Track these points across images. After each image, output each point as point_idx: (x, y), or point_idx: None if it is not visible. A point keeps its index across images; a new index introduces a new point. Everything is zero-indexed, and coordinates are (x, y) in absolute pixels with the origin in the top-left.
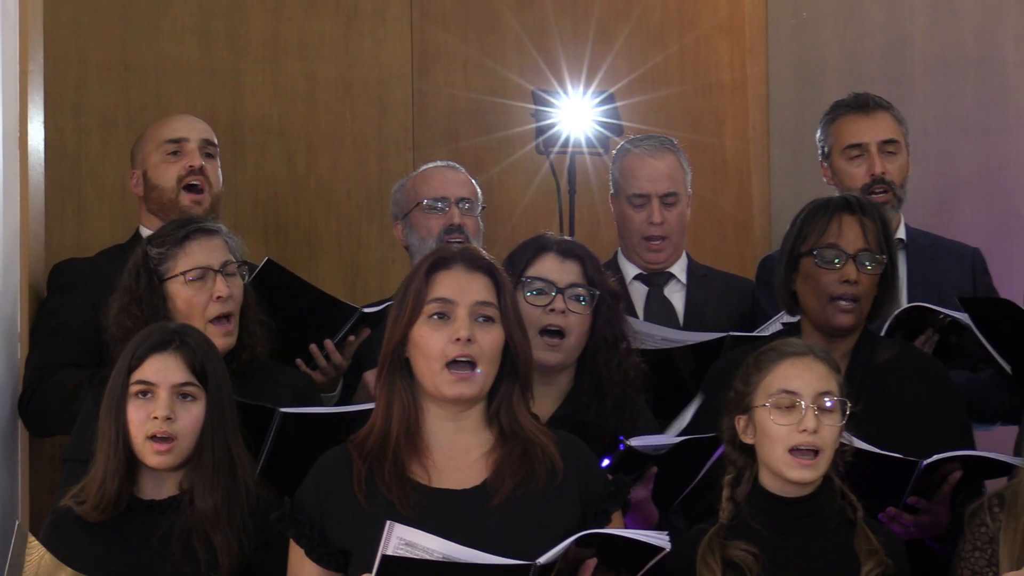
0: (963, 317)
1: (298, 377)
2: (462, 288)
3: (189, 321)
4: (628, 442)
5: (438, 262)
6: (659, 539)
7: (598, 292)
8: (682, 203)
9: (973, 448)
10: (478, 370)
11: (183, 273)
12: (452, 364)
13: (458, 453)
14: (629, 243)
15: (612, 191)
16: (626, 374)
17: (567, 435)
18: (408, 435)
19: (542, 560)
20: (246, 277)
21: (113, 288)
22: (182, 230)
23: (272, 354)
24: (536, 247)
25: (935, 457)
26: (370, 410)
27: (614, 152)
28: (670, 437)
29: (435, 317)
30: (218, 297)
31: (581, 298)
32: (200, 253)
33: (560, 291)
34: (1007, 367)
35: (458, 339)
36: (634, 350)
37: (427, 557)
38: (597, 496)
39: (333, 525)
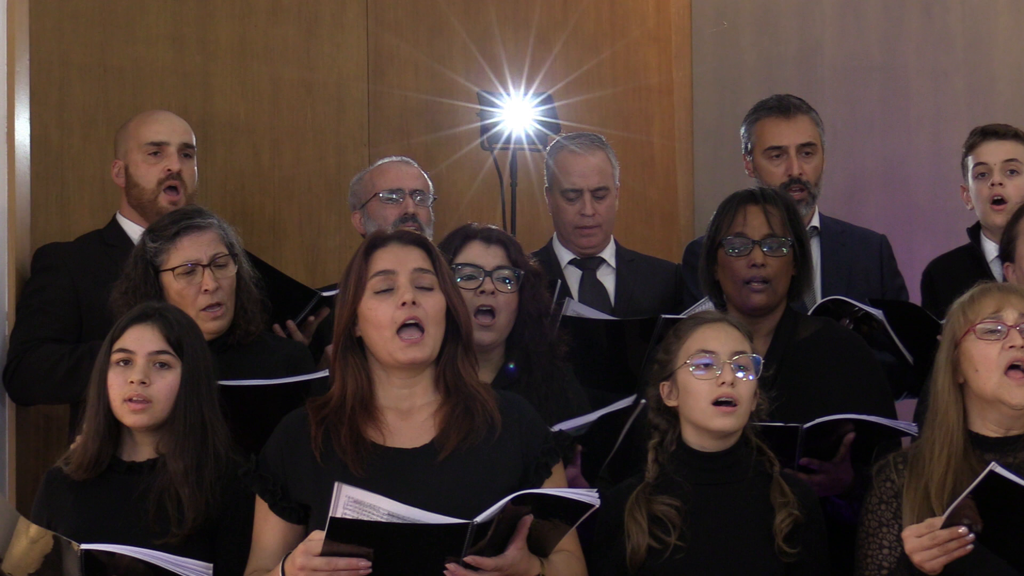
0: (877, 313)
1: (292, 346)
2: (400, 259)
3: (181, 308)
4: (554, 428)
5: (374, 242)
6: (589, 496)
7: (522, 272)
8: (611, 195)
9: (895, 417)
10: (425, 332)
11: (173, 269)
12: (402, 329)
13: (410, 415)
14: (563, 231)
15: (547, 184)
16: (551, 345)
17: (509, 393)
18: (363, 404)
19: (479, 519)
20: (240, 263)
21: (91, 269)
22: (174, 226)
23: None
24: (462, 236)
25: (814, 422)
26: (303, 381)
27: (548, 148)
28: (589, 416)
29: (380, 291)
30: (205, 290)
31: (507, 279)
32: (190, 248)
33: (488, 274)
34: (910, 358)
35: (404, 303)
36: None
37: (375, 518)
38: (538, 450)
39: (294, 481)
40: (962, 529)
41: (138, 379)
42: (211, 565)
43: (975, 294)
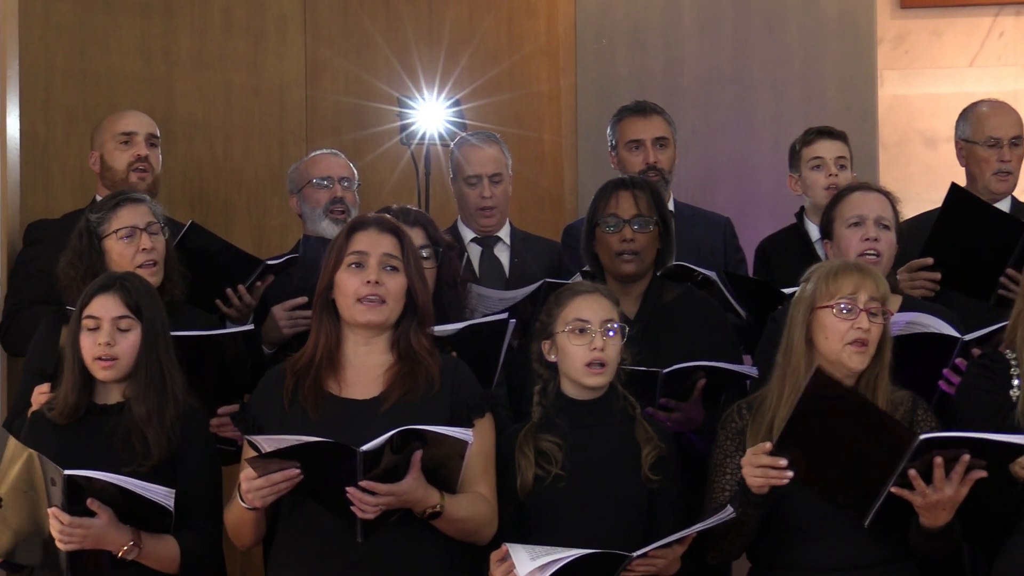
0: (712, 275)
1: (204, 317)
2: (374, 243)
3: (119, 270)
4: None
5: (357, 225)
6: (463, 434)
7: (440, 248)
8: (505, 182)
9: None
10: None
11: (115, 231)
12: (363, 299)
13: (366, 370)
14: (466, 213)
15: (451, 175)
16: (464, 306)
17: (451, 358)
18: (329, 357)
19: (365, 447)
20: (167, 233)
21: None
22: (114, 199)
23: (195, 295)
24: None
25: (672, 368)
26: (237, 332)
27: (452, 144)
28: (458, 324)
29: (352, 266)
30: (143, 249)
31: (426, 256)
32: (129, 216)
33: None
34: (743, 314)
35: (368, 281)
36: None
37: (284, 445)
38: (463, 405)
39: (267, 424)
40: (783, 462)
41: (104, 341)
42: (173, 491)
43: (839, 270)
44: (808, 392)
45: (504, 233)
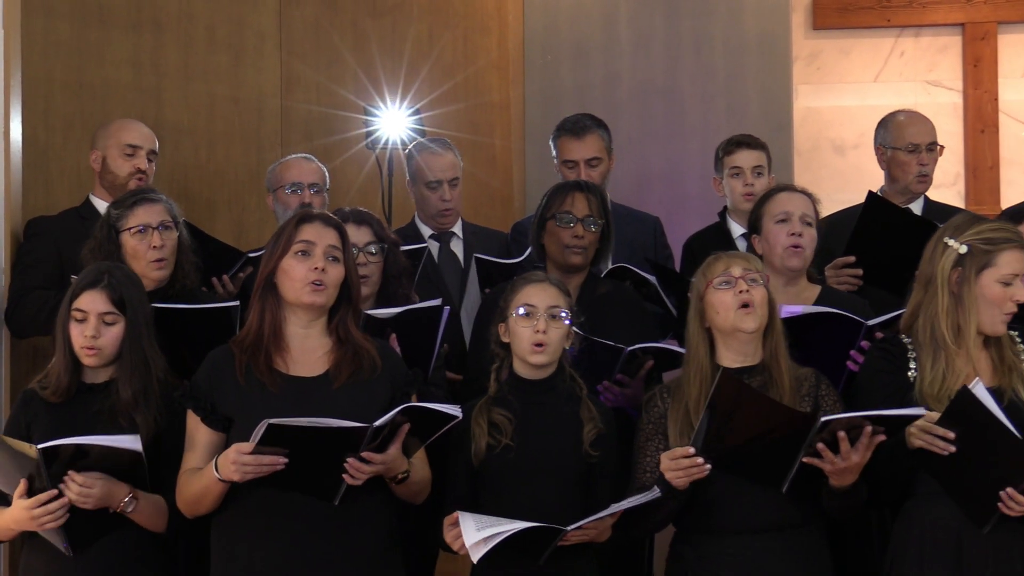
0: (651, 279)
1: (213, 300)
2: (320, 235)
3: (134, 261)
4: (368, 312)
5: (305, 217)
6: (453, 410)
7: (386, 244)
8: (460, 184)
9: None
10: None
11: (130, 228)
12: (309, 284)
13: (308, 351)
14: (426, 214)
15: (409, 178)
16: (406, 295)
17: (383, 342)
18: (274, 336)
19: (377, 423)
20: (181, 230)
21: (70, 235)
22: (133, 198)
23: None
24: (339, 218)
25: (636, 346)
26: (221, 307)
27: (408, 150)
28: (396, 309)
29: (299, 253)
30: (153, 247)
31: (374, 251)
32: (144, 215)
33: (361, 250)
34: (674, 312)
35: (315, 268)
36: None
37: (299, 424)
38: (401, 383)
39: (221, 399)
40: (700, 460)
41: (90, 334)
42: (138, 436)
43: (710, 261)
44: (716, 394)
45: (458, 228)
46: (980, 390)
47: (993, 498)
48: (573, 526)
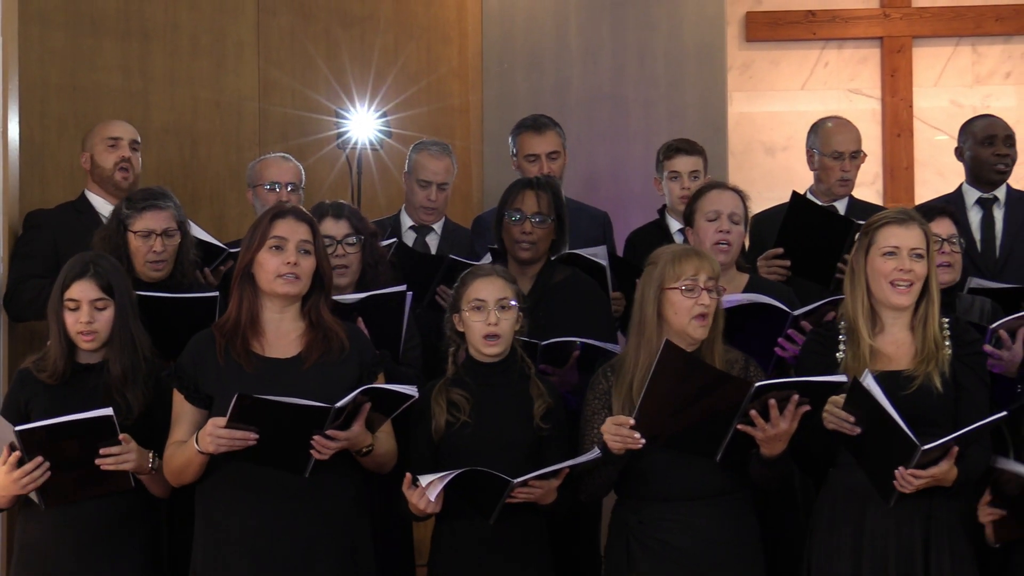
0: (604, 262)
1: (195, 289)
2: (292, 230)
3: (135, 258)
4: (334, 298)
5: (278, 213)
6: (410, 390)
7: (363, 236)
8: (448, 189)
9: (615, 340)
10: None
11: (136, 231)
12: (283, 276)
13: (282, 335)
14: (412, 206)
15: (406, 170)
16: (385, 283)
17: (353, 326)
18: (251, 322)
19: (338, 404)
20: (185, 233)
21: (65, 227)
22: (143, 202)
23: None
24: (318, 213)
25: (548, 341)
26: (203, 297)
27: (414, 145)
28: (360, 295)
29: (273, 248)
30: (153, 251)
31: (352, 243)
32: (150, 220)
33: (339, 242)
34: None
35: (288, 263)
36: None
37: (267, 399)
38: (368, 364)
39: (203, 378)
40: (636, 435)
41: (85, 320)
42: (110, 408)
43: (681, 256)
44: (659, 364)
45: (438, 226)
46: (869, 382)
47: (891, 476)
48: (519, 479)
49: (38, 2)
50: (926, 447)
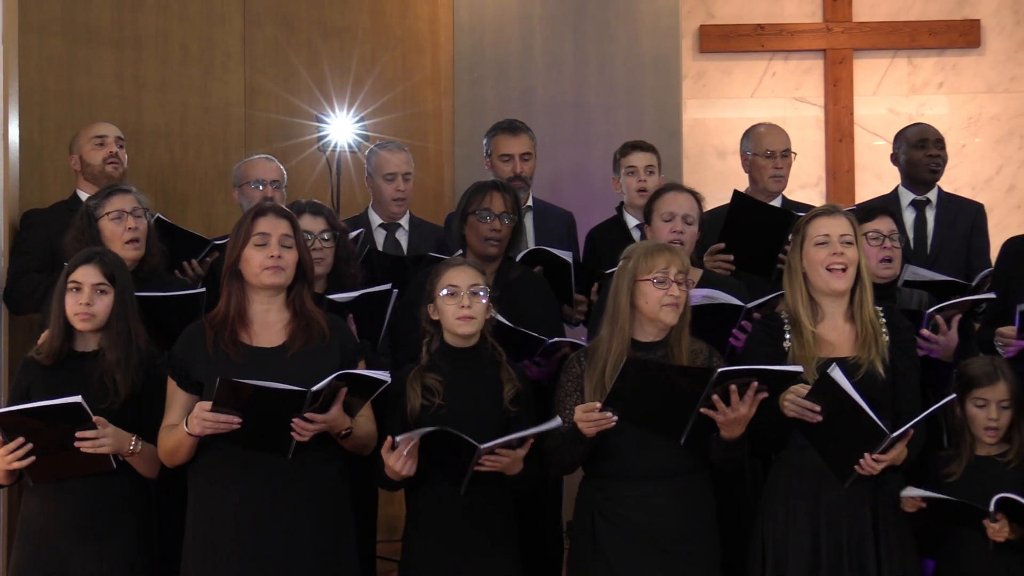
0: (567, 258)
1: (178, 281)
2: (274, 226)
3: (111, 243)
4: (329, 297)
5: (260, 211)
6: (383, 375)
7: (338, 232)
8: (411, 180)
9: (563, 333)
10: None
11: (108, 214)
12: (267, 268)
13: (268, 325)
14: (381, 204)
15: (368, 173)
16: (355, 276)
17: (334, 315)
18: (239, 314)
19: (314, 388)
20: (149, 217)
21: (60, 225)
22: (108, 190)
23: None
24: (297, 210)
25: (553, 340)
26: (190, 294)
27: (370, 150)
28: (354, 293)
29: (257, 244)
30: (129, 228)
31: (327, 238)
32: (119, 202)
33: (316, 237)
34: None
35: (272, 256)
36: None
37: (247, 382)
38: (349, 351)
39: (193, 367)
40: (609, 413)
41: (85, 302)
42: (79, 396)
43: (653, 251)
44: (621, 379)
45: (404, 221)
46: (838, 375)
47: (851, 460)
48: (486, 445)
49: (37, 13)
50: (895, 434)
